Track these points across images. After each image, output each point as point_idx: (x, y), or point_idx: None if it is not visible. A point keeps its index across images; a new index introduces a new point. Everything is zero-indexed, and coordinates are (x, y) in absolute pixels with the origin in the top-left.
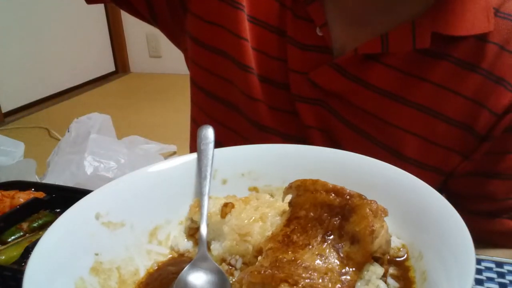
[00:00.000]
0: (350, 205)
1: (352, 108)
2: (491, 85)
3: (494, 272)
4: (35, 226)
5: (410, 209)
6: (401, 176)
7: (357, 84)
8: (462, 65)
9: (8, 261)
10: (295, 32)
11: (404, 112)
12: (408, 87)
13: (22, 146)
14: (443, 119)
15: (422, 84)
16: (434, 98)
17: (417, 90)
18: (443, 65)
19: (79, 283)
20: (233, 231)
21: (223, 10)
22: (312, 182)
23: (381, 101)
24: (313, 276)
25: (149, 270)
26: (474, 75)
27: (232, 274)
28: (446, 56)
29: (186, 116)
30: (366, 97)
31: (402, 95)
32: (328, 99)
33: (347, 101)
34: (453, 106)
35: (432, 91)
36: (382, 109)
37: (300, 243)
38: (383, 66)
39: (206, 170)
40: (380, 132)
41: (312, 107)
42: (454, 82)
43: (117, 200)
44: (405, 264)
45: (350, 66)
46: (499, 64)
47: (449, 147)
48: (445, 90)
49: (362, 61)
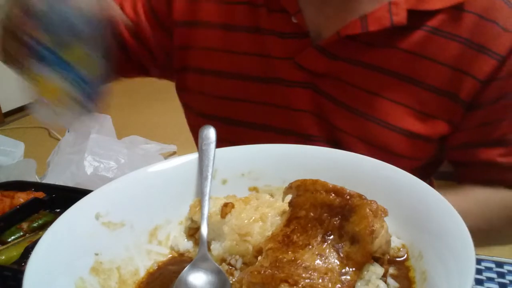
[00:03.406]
0: (350, 205)
1: (340, 86)
2: (473, 53)
3: (494, 272)
4: (35, 226)
5: (410, 209)
6: (401, 176)
7: (342, 62)
8: (438, 33)
9: (8, 261)
10: (272, 24)
11: (387, 82)
12: (386, 57)
13: (22, 146)
14: (425, 87)
15: (397, 53)
16: (411, 66)
17: (394, 59)
18: (418, 34)
19: (79, 283)
20: (233, 231)
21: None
22: (312, 182)
23: (365, 75)
24: (313, 276)
25: (149, 270)
26: (453, 43)
27: (232, 274)
28: (422, 26)
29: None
30: (351, 73)
31: (382, 65)
32: (317, 81)
33: (334, 81)
34: (431, 74)
35: (408, 58)
36: (368, 82)
37: (300, 243)
38: (363, 44)
39: (207, 171)
40: (370, 106)
41: (302, 90)
42: (430, 49)
43: (117, 200)
44: (405, 264)
45: (333, 47)
46: (479, 33)
47: (435, 115)
48: (420, 57)
49: (343, 41)
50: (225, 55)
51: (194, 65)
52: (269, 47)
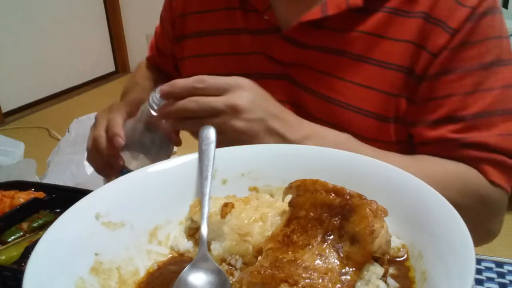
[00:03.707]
0: (350, 205)
1: (310, 74)
2: (431, 27)
3: (494, 272)
4: (35, 226)
5: (410, 209)
6: (401, 176)
7: (309, 50)
8: (398, 13)
9: (8, 261)
10: (246, 23)
11: (352, 65)
12: (349, 41)
13: (22, 146)
14: (389, 67)
15: (360, 35)
16: (373, 47)
17: (356, 42)
18: (378, 16)
19: (79, 283)
20: (233, 231)
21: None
22: (312, 182)
23: (331, 60)
24: (313, 276)
25: (149, 270)
26: (413, 20)
27: (232, 274)
28: (382, 8)
29: None
30: (318, 59)
31: (346, 49)
32: (289, 71)
33: (304, 69)
34: (394, 53)
35: (370, 40)
36: (334, 67)
37: (300, 243)
38: (328, 30)
39: (207, 171)
40: (338, 92)
41: (278, 81)
42: (391, 29)
43: (117, 200)
44: (405, 264)
45: (299, 35)
46: (438, 8)
47: (398, 94)
48: (381, 38)
49: (308, 29)
50: (210, 58)
51: (185, 74)
52: (244, 45)
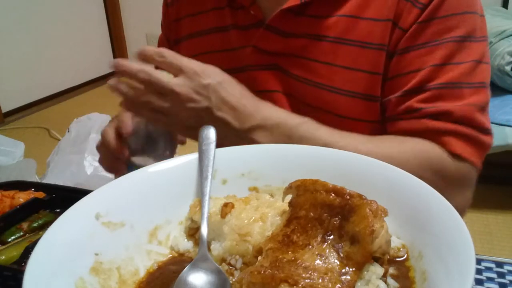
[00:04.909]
0: (350, 205)
1: (297, 62)
2: (403, 3)
3: (494, 272)
4: (35, 226)
5: (410, 209)
6: (401, 176)
7: (294, 38)
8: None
9: (8, 261)
10: (234, 20)
11: (335, 49)
12: (330, 26)
13: (22, 146)
14: (371, 46)
15: (340, 19)
16: (352, 29)
17: (337, 26)
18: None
19: (79, 283)
20: (233, 231)
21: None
22: (312, 182)
23: (315, 46)
24: (313, 276)
25: (149, 270)
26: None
27: (232, 274)
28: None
29: None
30: (304, 47)
31: (327, 34)
32: (278, 60)
33: (291, 57)
34: (375, 32)
35: (350, 22)
36: (318, 53)
37: (300, 243)
38: (309, 17)
39: (207, 171)
40: (326, 77)
41: (269, 72)
42: (369, 10)
43: (117, 200)
44: (405, 264)
45: (281, 24)
46: None
47: (380, 72)
48: (360, 19)
49: (290, 18)
50: (203, 57)
51: None
52: (233, 40)
